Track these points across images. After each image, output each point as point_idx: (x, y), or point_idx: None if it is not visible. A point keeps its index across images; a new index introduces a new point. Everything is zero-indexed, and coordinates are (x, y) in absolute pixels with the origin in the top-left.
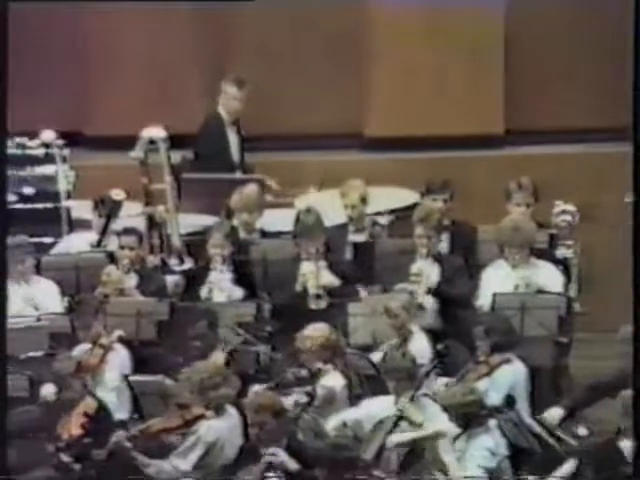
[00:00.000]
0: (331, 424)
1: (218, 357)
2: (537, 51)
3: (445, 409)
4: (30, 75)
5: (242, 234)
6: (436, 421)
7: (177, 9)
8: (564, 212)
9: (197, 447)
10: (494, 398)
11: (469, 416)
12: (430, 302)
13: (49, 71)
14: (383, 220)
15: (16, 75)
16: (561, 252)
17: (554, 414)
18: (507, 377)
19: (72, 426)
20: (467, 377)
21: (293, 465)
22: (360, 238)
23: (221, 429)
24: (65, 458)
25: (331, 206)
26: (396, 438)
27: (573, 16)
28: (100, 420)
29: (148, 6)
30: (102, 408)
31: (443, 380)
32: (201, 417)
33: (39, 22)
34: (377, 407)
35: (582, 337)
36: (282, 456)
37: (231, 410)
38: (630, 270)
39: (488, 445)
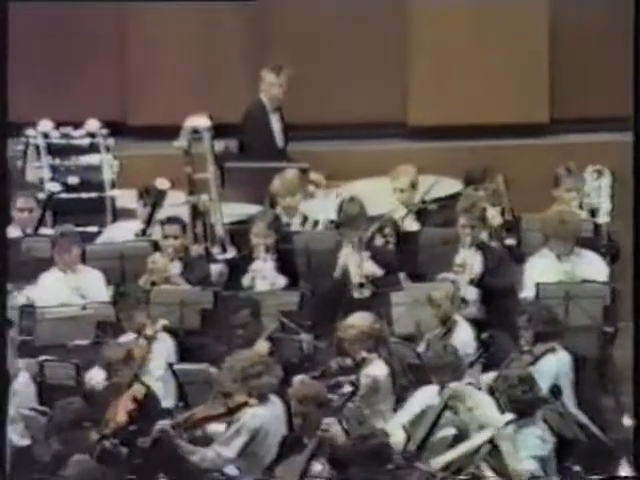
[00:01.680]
0: (391, 429)
1: (262, 346)
2: (582, 39)
3: (498, 399)
4: (75, 65)
5: (285, 218)
6: (485, 408)
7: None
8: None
9: (241, 434)
10: (539, 387)
11: (521, 408)
12: (473, 292)
13: (94, 61)
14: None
15: (62, 65)
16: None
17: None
18: (551, 367)
19: (120, 411)
20: (512, 366)
21: (342, 439)
22: (406, 224)
23: (265, 417)
24: (108, 445)
25: (376, 195)
26: (442, 459)
27: (617, 4)
28: (148, 406)
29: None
30: (150, 394)
31: (490, 375)
32: (244, 405)
33: (85, 15)
34: (422, 397)
35: (626, 326)
36: (336, 428)
37: (274, 399)
38: None
39: (538, 433)
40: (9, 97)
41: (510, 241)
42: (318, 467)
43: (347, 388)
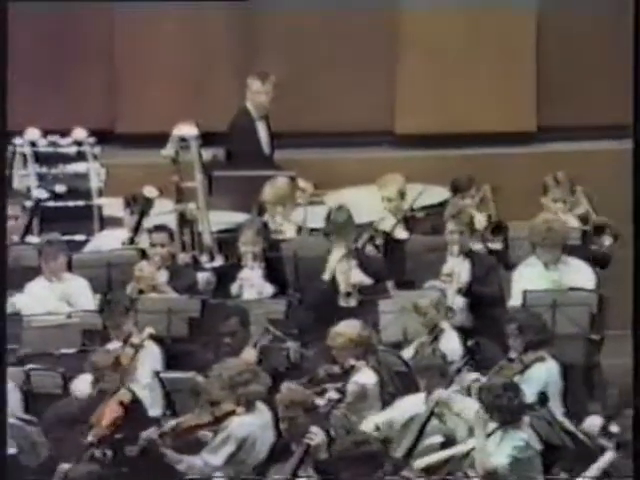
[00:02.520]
0: (364, 428)
1: (249, 354)
2: (570, 47)
3: (485, 407)
4: (62, 73)
5: (275, 226)
6: (472, 412)
7: (208, 7)
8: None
9: (228, 443)
10: (527, 396)
11: (507, 416)
12: (461, 301)
13: (81, 69)
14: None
15: (48, 73)
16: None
17: (594, 423)
18: (541, 375)
19: (106, 416)
20: (500, 374)
21: (324, 451)
22: (396, 233)
23: (252, 425)
24: (97, 453)
25: (363, 203)
26: (424, 461)
27: (605, 12)
28: (134, 412)
29: (177, 4)
30: (136, 400)
31: (473, 375)
32: (232, 413)
33: (71, 21)
34: (408, 405)
35: (613, 334)
36: (321, 437)
37: (261, 407)
38: None
39: (523, 437)
40: None
41: (496, 245)
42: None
43: (333, 395)
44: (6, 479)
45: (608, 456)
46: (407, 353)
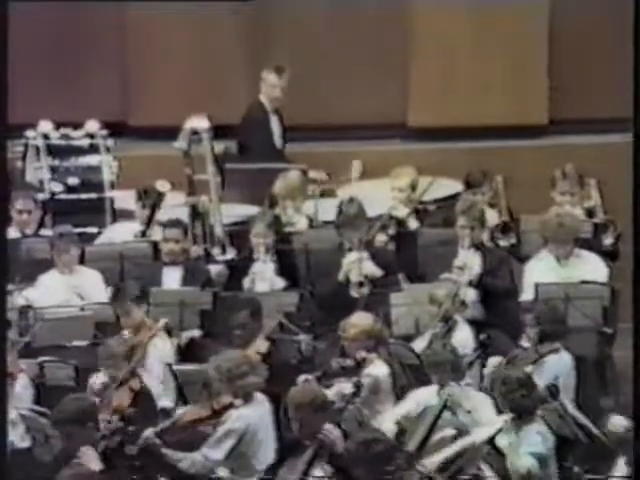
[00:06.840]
0: (385, 426)
1: (262, 345)
2: (581, 41)
3: (502, 397)
4: (76, 66)
5: (287, 219)
6: (484, 410)
7: (220, 2)
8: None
9: (228, 437)
10: (540, 387)
11: (520, 410)
12: (473, 294)
13: (93, 62)
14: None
15: (60, 65)
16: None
17: (619, 423)
18: (554, 367)
19: (116, 401)
20: (515, 365)
21: (341, 446)
22: (409, 223)
23: (250, 417)
24: (111, 444)
25: (375, 196)
26: (437, 457)
27: (616, 5)
28: (144, 402)
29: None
30: (145, 390)
31: (496, 360)
32: (229, 406)
33: (83, 12)
34: (421, 397)
35: (626, 327)
36: (335, 434)
37: (260, 397)
38: None
39: (539, 430)
40: (9, 98)
41: (504, 242)
42: (319, 472)
43: (348, 390)
44: (14, 473)
45: (622, 463)
46: (420, 345)
